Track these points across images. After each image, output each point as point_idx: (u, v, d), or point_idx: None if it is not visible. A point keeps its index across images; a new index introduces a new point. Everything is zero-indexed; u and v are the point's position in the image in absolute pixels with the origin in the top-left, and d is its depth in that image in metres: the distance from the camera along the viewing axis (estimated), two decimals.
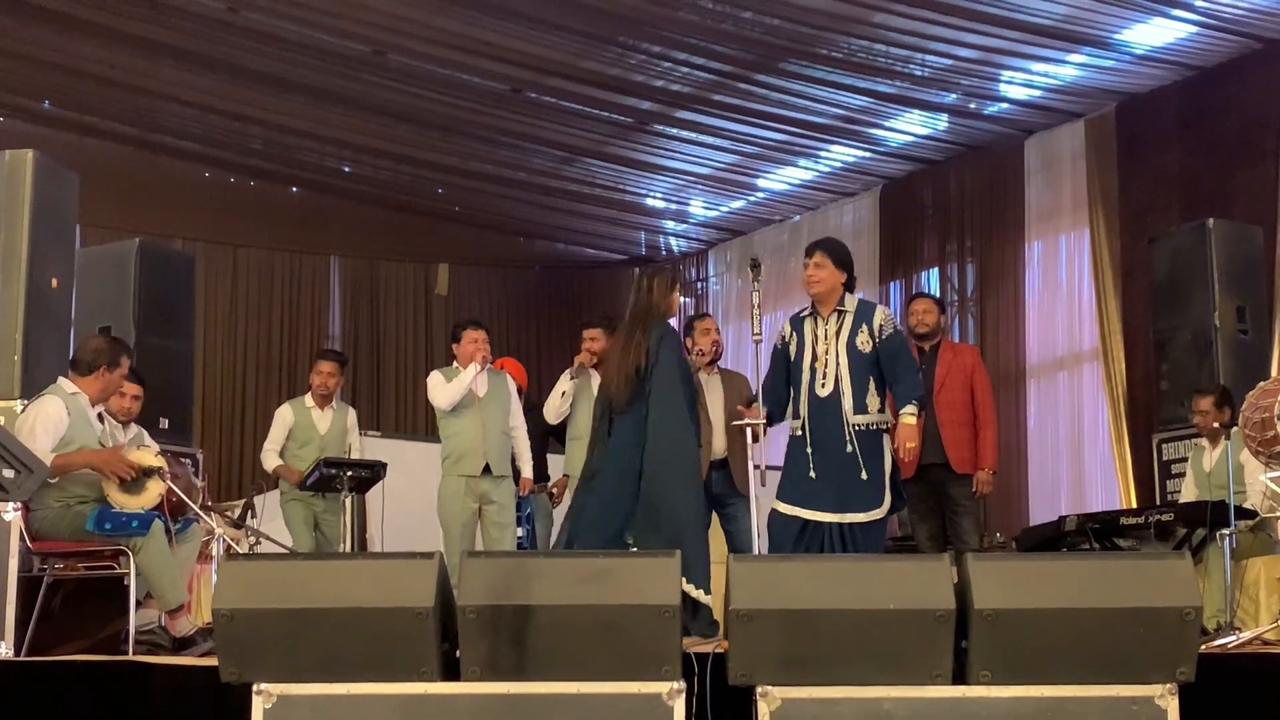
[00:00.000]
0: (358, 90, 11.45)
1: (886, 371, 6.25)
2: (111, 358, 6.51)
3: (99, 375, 6.45)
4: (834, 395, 6.17)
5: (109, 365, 6.47)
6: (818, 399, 6.20)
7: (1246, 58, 9.91)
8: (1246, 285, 9.05)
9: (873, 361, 6.23)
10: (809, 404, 6.21)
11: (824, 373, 6.19)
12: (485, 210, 14.36)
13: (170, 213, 13.07)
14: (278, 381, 13.42)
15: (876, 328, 6.27)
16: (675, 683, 4.16)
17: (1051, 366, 11.30)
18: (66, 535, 6.20)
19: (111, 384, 6.57)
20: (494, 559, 4.54)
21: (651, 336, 6.35)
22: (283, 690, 4.19)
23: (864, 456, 6.13)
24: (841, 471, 6.11)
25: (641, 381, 6.29)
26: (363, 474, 8.09)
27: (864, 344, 6.24)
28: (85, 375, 6.44)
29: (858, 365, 6.21)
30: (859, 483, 6.10)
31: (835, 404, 6.17)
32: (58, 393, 6.36)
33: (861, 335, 6.25)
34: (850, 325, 6.29)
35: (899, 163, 12.48)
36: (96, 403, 6.53)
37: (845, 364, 6.20)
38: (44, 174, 7.28)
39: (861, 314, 6.33)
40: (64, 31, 10.65)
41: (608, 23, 10.00)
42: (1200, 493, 7.78)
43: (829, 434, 6.14)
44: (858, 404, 6.17)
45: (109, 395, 6.70)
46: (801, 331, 6.37)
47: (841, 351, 6.22)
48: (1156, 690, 4.14)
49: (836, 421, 6.16)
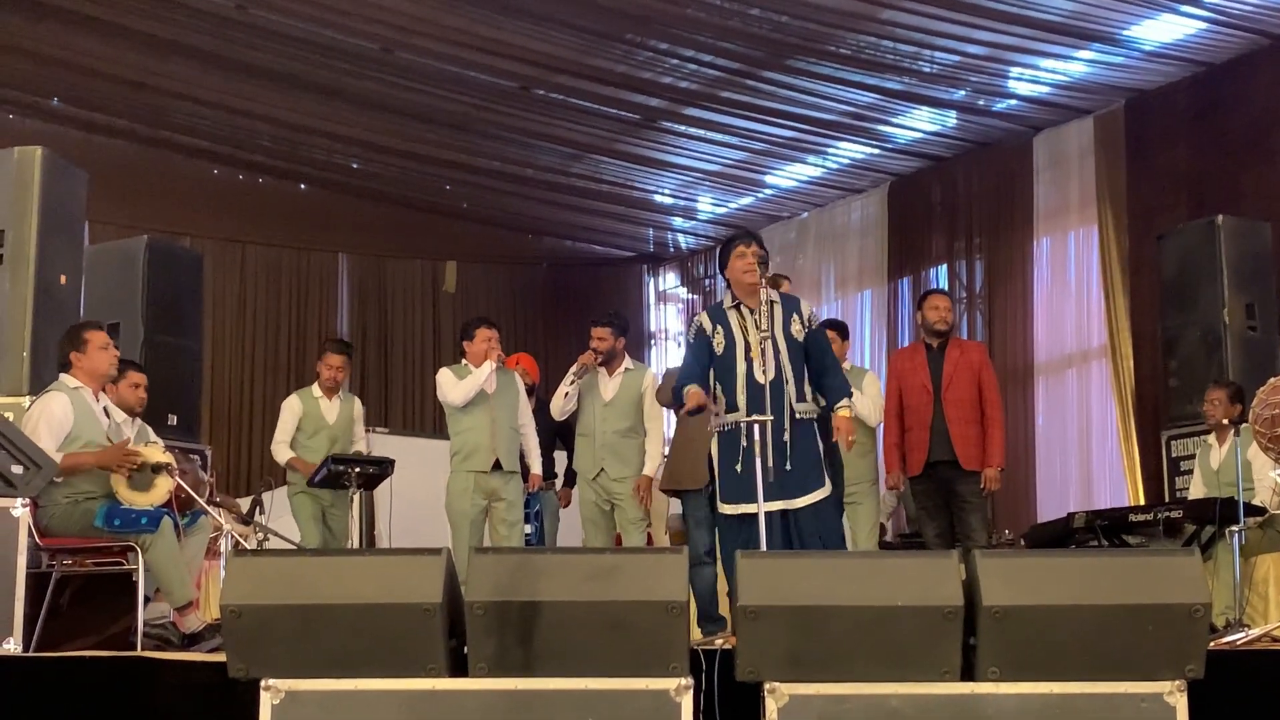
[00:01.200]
0: (366, 88, 11.46)
1: (815, 363, 6.21)
2: (74, 342, 6.44)
3: (77, 363, 6.40)
4: (778, 381, 6.08)
5: (76, 350, 6.41)
6: (758, 385, 6.07)
7: (1256, 54, 9.90)
8: (1256, 282, 9.03)
9: (804, 352, 6.21)
10: (748, 393, 6.11)
11: (763, 360, 6.08)
12: (493, 207, 14.37)
13: (178, 210, 13.09)
14: (285, 378, 13.41)
15: (807, 317, 6.26)
16: (683, 679, 4.16)
17: (1060, 364, 11.28)
18: (75, 531, 6.20)
19: (95, 362, 6.41)
20: (502, 555, 4.54)
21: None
22: (290, 686, 4.19)
23: (798, 443, 6.07)
24: (777, 459, 5.99)
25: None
26: (371, 471, 8.08)
27: (798, 332, 6.20)
28: (71, 370, 6.43)
29: (795, 353, 6.17)
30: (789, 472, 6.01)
31: (779, 389, 6.08)
32: (61, 389, 6.35)
33: (795, 324, 6.20)
34: (782, 314, 6.23)
35: (907, 159, 12.47)
36: (99, 388, 6.48)
37: (785, 351, 6.15)
38: (53, 171, 7.29)
39: (788, 304, 6.30)
40: (73, 29, 10.67)
41: (616, 20, 10.00)
42: (1208, 489, 7.77)
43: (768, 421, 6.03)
44: (798, 391, 6.13)
45: (105, 376, 6.52)
46: (727, 324, 6.27)
47: (780, 338, 6.15)
48: (1165, 687, 4.13)
49: (779, 408, 6.06)
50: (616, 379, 7.83)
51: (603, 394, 7.80)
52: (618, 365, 7.87)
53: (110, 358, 6.52)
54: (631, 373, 7.88)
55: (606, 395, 7.79)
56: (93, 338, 6.47)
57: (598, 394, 7.81)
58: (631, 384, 7.82)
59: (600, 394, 7.80)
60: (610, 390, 7.80)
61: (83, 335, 6.47)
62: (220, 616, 4.33)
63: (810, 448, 6.13)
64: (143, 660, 5.08)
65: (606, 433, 7.71)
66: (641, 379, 7.87)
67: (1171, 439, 9.12)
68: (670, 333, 15.79)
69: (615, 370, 7.85)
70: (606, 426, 7.72)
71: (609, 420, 7.74)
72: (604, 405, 7.77)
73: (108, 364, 6.51)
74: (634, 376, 7.86)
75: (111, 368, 6.57)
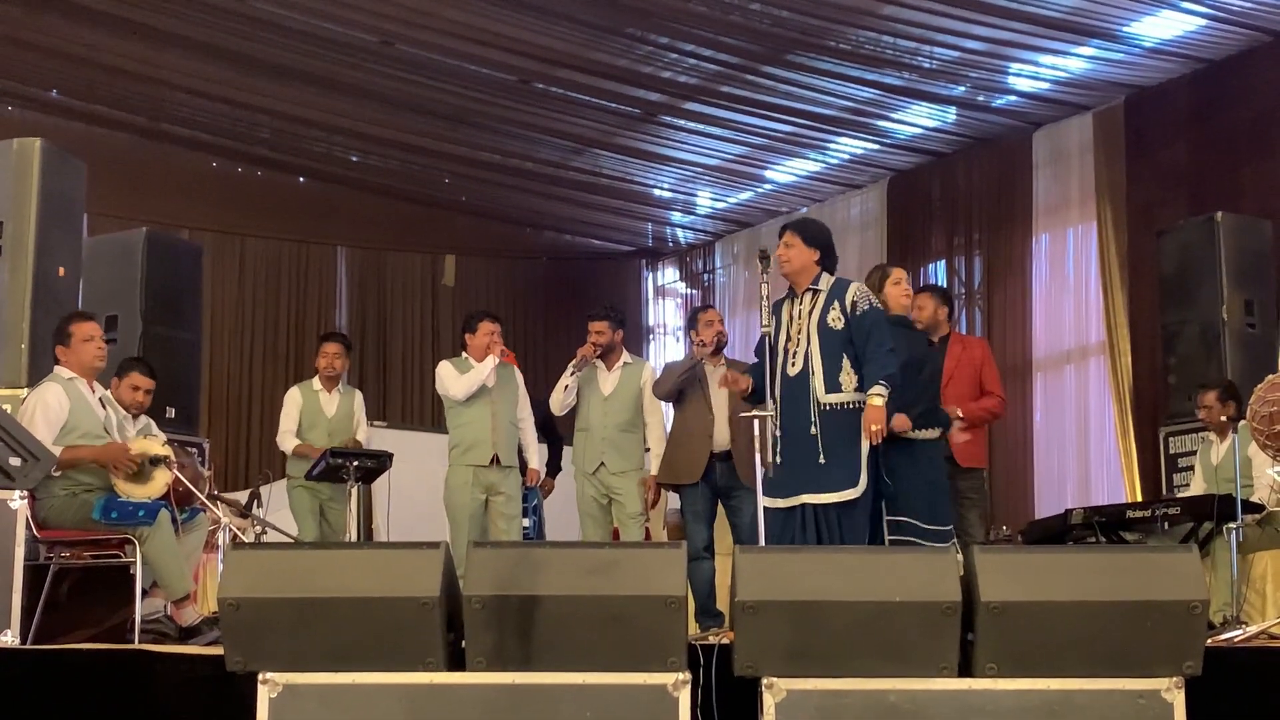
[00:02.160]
0: (365, 80, 11.45)
1: (858, 349, 6.05)
2: (59, 336, 6.44)
3: (64, 356, 6.39)
4: (803, 374, 6.03)
5: (61, 344, 6.41)
6: (787, 379, 6.07)
7: (1256, 51, 9.89)
8: (1255, 279, 9.04)
9: (846, 339, 6.06)
10: (781, 386, 6.08)
11: (794, 352, 6.07)
12: (492, 201, 14.36)
13: (177, 202, 13.06)
14: (284, 371, 13.41)
15: (849, 304, 6.10)
16: (680, 674, 4.16)
17: (1058, 360, 11.28)
18: (72, 524, 6.20)
19: (80, 354, 6.36)
20: (500, 549, 4.54)
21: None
22: (288, 680, 4.19)
23: (828, 438, 5.95)
24: (806, 454, 5.94)
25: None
26: (369, 464, 8.07)
27: (835, 320, 6.08)
28: (61, 362, 6.41)
29: (829, 343, 6.05)
30: (821, 465, 5.93)
31: (804, 383, 6.02)
32: (56, 379, 6.35)
33: (833, 312, 6.09)
34: (823, 303, 6.15)
35: (906, 155, 12.46)
36: (90, 378, 6.45)
37: (816, 342, 6.06)
38: (52, 163, 7.28)
39: (835, 291, 6.17)
40: (72, 20, 10.65)
41: (616, 14, 9.99)
42: (1208, 486, 7.77)
43: (796, 415, 5.99)
44: (830, 383, 6.00)
45: (89, 363, 6.41)
46: (780, 316, 6.26)
47: (813, 329, 6.08)
48: (1163, 684, 4.14)
49: (805, 402, 6.01)
50: (615, 373, 7.81)
51: (602, 389, 7.79)
52: (616, 359, 7.85)
53: (95, 349, 6.44)
54: (630, 366, 7.87)
55: (606, 390, 7.78)
56: (77, 330, 6.43)
57: (597, 389, 7.79)
58: (631, 378, 7.81)
59: (600, 388, 7.79)
60: (610, 385, 7.79)
61: (67, 328, 6.44)
62: (218, 609, 4.32)
63: (850, 440, 5.97)
64: (140, 653, 5.08)
65: (607, 427, 7.69)
66: (640, 372, 7.85)
67: (1169, 436, 9.13)
68: (668, 327, 15.78)
69: (614, 364, 7.84)
70: (607, 421, 7.70)
71: (609, 414, 7.72)
72: (604, 400, 7.76)
73: (92, 355, 6.43)
74: (633, 370, 7.85)
75: (97, 359, 6.48)
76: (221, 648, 4.34)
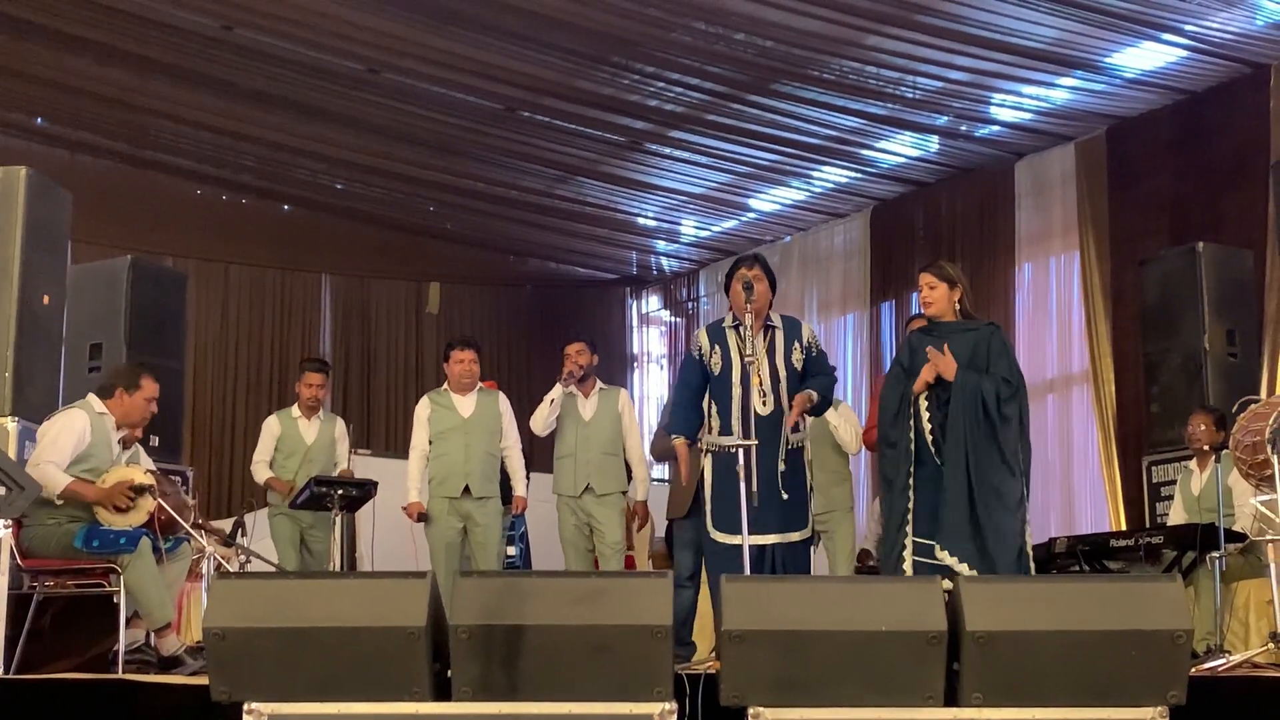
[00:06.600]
0: (350, 108, 11.47)
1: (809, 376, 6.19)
2: (129, 380, 6.54)
3: (118, 398, 6.48)
4: (776, 413, 6.10)
5: (126, 388, 6.50)
6: (759, 417, 6.06)
7: (1236, 82, 9.96)
8: (1236, 309, 9.08)
9: (801, 379, 6.18)
10: (743, 421, 6.04)
11: (764, 390, 6.11)
12: (477, 229, 14.38)
13: (162, 230, 13.08)
14: (268, 399, 13.36)
15: (807, 342, 6.23)
16: (667, 704, 4.16)
17: (1041, 389, 11.30)
18: (56, 553, 6.18)
19: (134, 408, 6.51)
20: (486, 579, 4.52)
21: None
22: (274, 710, 4.18)
23: (792, 476, 6.09)
24: (773, 493, 5.98)
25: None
26: (353, 493, 8.07)
27: (798, 361, 6.19)
28: (107, 399, 6.47)
29: (793, 382, 6.15)
30: (785, 503, 6.03)
31: (776, 422, 6.09)
32: (85, 408, 6.41)
33: (796, 352, 6.19)
34: (783, 341, 6.22)
35: (890, 184, 12.52)
36: (121, 426, 6.53)
37: (784, 383, 6.14)
38: (36, 191, 7.28)
39: (791, 329, 6.26)
40: (57, 48, 10.66)
41: (601, 43, 10.03)
42: (1189, 515, 7.79)
43: (764, 453, 5.98)
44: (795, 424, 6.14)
45: (134, 420, 6.58)
46: (725, 344, 6.25)
47: (780, 367, 6.16)
48: (1147, 713, 4.15)
49: (774, 440, 6.06)
50: (594, 398, 7.86)
51: (582, 414, 7.82)
52: (591, 386, 7.90)
53: (149, 411, 6.64)
54: (606, 391, 7.94)
55: (586, 415, 7.82)
56: (148, 386, 6.58)
57: (576, 414, 7.82)
58: (608, 402, 7.87)
59: (580, 414, 7.82)
60: (589, 410, 7.83)
61: (140, 380, 6.57)
62: (203, 639, 4.31)
63: (803, 481, 6.16)
64: (124, 683, 5.06)
65: (591, 451, 7.71)
66: (617, 397, 7.93)
67: (1153, 464, 9.15)
68: (653, 355, 15.80)
69: (590, 390, 7.88)
70: (590, 445, 7.72)
71: (591, 439, 7.74)
72: (584, 424, 7.79)
73: (142, 415, 6.61)
74: (609, 395, 7.93)
75: (144, 420, 6.67)
76: (206, 677, 4.32)
